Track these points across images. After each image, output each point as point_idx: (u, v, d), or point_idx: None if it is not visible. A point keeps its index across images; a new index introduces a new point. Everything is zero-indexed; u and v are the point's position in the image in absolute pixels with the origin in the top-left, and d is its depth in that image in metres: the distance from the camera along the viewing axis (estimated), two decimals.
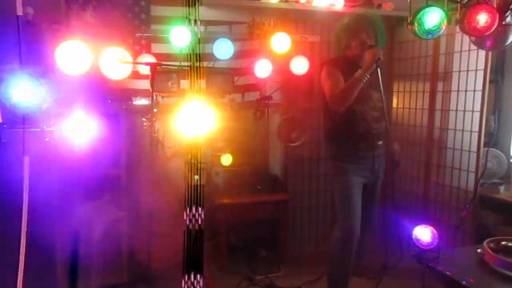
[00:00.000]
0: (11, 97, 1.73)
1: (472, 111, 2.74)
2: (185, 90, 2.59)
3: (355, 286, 2.61)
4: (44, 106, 1.81)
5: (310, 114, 3.14)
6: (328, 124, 2.57)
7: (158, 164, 2.46)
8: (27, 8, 2.35)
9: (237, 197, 3.01)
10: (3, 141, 1.81)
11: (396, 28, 3.41)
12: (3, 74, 1.74)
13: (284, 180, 3.36)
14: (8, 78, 1.72)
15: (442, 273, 1.75)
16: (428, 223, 1.93)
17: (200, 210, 1.14)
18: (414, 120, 3.28)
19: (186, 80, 1.11)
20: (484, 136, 2.69)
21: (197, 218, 1.14)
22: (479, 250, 1.85)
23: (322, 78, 2.45)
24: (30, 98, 1.74)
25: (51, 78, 1.99)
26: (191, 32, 1.10)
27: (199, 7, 1.09)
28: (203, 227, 1.14)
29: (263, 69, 2.75)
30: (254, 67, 2.75)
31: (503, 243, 1.85)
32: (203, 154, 1.16)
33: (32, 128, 1.87)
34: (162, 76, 2.64)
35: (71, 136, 2.28)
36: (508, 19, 1.90)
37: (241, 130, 2.98)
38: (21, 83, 1.73)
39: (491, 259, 1.74)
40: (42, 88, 1.76)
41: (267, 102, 3.02)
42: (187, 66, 1.12)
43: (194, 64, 1.12)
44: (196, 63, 1.12)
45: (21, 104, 1.74)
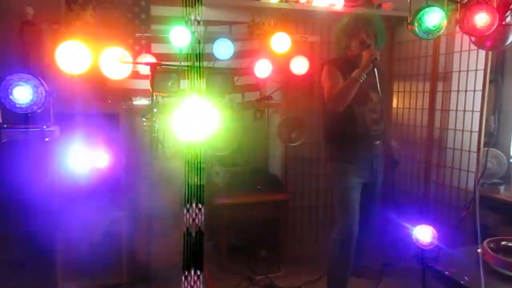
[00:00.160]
0: (11, 97, 1.73)
1: (472, 111, 2.74)
2: (185, 90, 2.58)
3: (355, 286, 2.61)
4: (44, 106, 1.81)
5: (310, 114, 3.14)
6: (327, 124, 2.58)
7: (158, 164, 2.46)
8: (27, 8, 2.35)
9: (237, 197, 3.01)
10: (3, 141, 1.81)
11: (396, 28, 3.41)
12: (3, 74, 1.74)
13: (284, 180, 3.35)
14: (8, 78, 1.72)
15: (442, 273, 1.76)
16: (428, 223, 1.93)
17: (200, 210, 1.14)
18: (414, 120, 3.28)
19: (186, 80, 1.11)
20: (484, 136, 2.69)
21: (197, 218, 1.14)
22: (479, 250, 1.85)
23: (322, 78, 2.46)
24: (30, 98, 1.75)
25: (51, 78, 1.99)
26: (191, 32, 1.10)
27: (199, 7, 1.09)
28: (203, 228, 1.13)
29: (263, 69, 2.75)
30: (254, 67, 2.75)
31: (503, 243, 1.85)
32: (203, 154, 1.16)
33: (32, 128, 1.87)
34: (162, 76, 2.64)
35: (71, 136, 2.28)
36: (508, 19, 1.90)
37: (241, 130, 2.97)
38: (21, 83, 1.73)
39: (491, 259, 1.74)
40: (42, 88, 1.76)
41: (267, 102, 3.02)
42: (187, 66, 1.11)
43: (194, 64, 1.11)
44: (196, 63, 1.12)
45: (21, 104, 1.74)
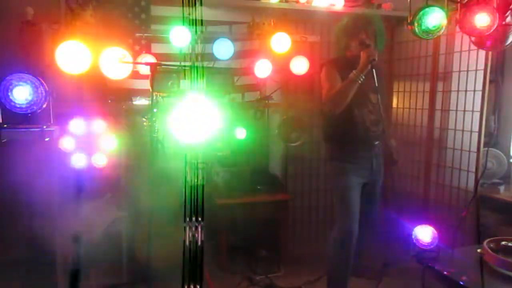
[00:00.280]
0: (11, 97, 1.73)
1: (472, 111, 2.74)
2: (185, 90, 2.59)
3: (355, 286, 2.61)
4: (44, 106, 1.81)
5: (310, 114, 3.14)
6: (326, 125, 2.57)
7: (158, 164, 2.45)
8: (27, 8, 2.35)
9: (237, 197, 3.01)
10: (3, 141, 1.81)
11: (396, 28, 3.41)
12: (3, 74, 1.74)
13: (284, 180, 3.35)
14: (8, 78, 1.72)
15: (442, 273, 1.75)
16: (428, 223, 1.93)
17: (200, 211, 1.14)
18: (414, 120, 3.28)
19: (186, 80, 1.11)
20: (484, 136, 2.69)
21: (197, 218, 1.14)
22: (479, 250, 1.85)
23: (321, 79, 2.45)
24: (30, 98, 1.75)
25: (51, 78, 1.99)
26: (191, 32, 1.10)
27: (199, 7, 1.09)
28: (203, 228, 1.14)
29: (263, 69, 2.75)
30: (254, 67, 2.75)
31: (503, 243, 1.85)
32: (203, 154, 1.16)
33: (32, 128, 1.87)
34: (162, 76, 2.64)
35: (71, 135, 2.28)
36: (508, 19, 1.90)
37: (241, 130, 2.97)
38: (21, 83, 1.73)
39: (491, 259, 1.74)
40: (42, 88, 1.77)
41: (267, 102, 3.02)
42: (187, 66, 1.12)
43: (194, 64, 1.12)
44: (196, 63, 1.12)
45: (21, 104, 1.74)
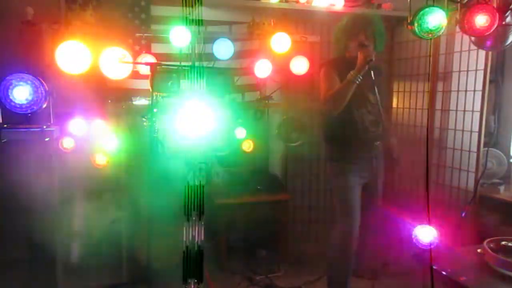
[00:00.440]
0: (11, 97, 1.73)
1: (472, 111, 2.74)
2: (185, 90, 2.58)
3: (355, 286, 2.61)
4: (44, 106, 1.81)
5: (310, 114, 3.14)
6: (326, 125, 2.57)
7: (158, 164, 2.45)
8: (27, 8, 2.35)
9: (237, 197, 3.01)
10: (3, 141, 1.81)
11: (396, 28, 3.41)
12: (3, 74, 1.74)
13: (284, 180, 3.35)
14: (8, 78, 1.72)
15: (442, 273, 1.75)
16: (428, 223, 1.93)
17: (199, 211, 1.14)
18: (414, 120, 3.28)
19: (186, 80, 1.11)
20: (484, 136, 2.69)
21: (197, 218, 1.14)
22: (479, 250, 1.85)
23: (320, 79, 2.45)
24: (30, 98, 1.75)
25: (51, 78, 1.99)
26: (191, 32, 1.10)
27: (199, 7, 1.09)
28: (203, 229, 1.14)
29: (263, 69, 2.75)
30: (254, 67, 2.75)
31: (503, 243, 1.85)
32: (203, 154, 1.16)
33: (32, 128, 1.87)
34: (162, 76, 2.64)
35: (71, 135, 2.28)
36: (508, 19, 1.90)
37: (241, 130, 2.97)
38: (21, 83, 1.73)
39: (491, 259, 1.74)
40: (42, 88, 1.76)
41: (267, 102, 3.02)
42: (187, 66, 1.12)
43: (194, 64, 1.12)
44: (196, 63, 1.12)
45: (21, 104, 1.74)
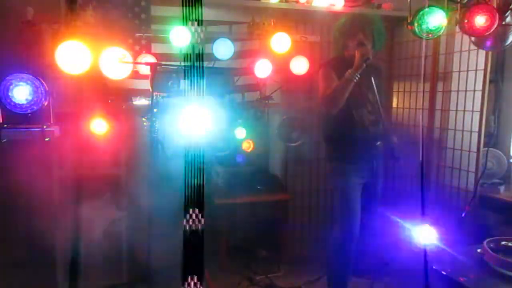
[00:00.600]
0: (11, 97, 1.73)
1: (472, 111, 2.74)
2: (185, 90, 2.58)
3: (355, 286, 2.61)
4: (44, 105, 1.81)
5: (310, 114, 3.14)
6: (325, 125, 2.57)
7: (158, 164, 2.46)
8: (27, 8, 2.35)
9: (237, 197, 3.01)
10: (3, 141, 1.81)
11: (396, 28, 3.41)
12: (3, 74, 1.74)
13: (284, 180, 3.35)
14: (8, 78, 1.72)
15: (442, 273, 1.75)
16: (428, 223, 1.93)
17: (199, 211, 1.14)
18: (414, 120, 3.28)
19: (186, 80, 1.11)
20: (484, 136, 2.69)
21: (196, 219, 1.14)
22: (479, 250, 1.85)
23: (318, 79, 2.45)
24: (30, 98, 1.75)
25: (51, 78, 1.99)
26: (191, 32, 1.10)
27: (199, 7, 1.09)
28: (203, 229, 1.13)
29: (263, 69, 2.75)
30: (254, 67, 2.75)
31: (503, 243, 1.85)
32: (203, 154, 1.16)
33: (32, 128, 1.87)
34: (162, 76, 2.64)
35: (71, 135, 2.28)
36: (508, 19, 1.90)
37: (241, 130, 2.97)
38: (21, 83, 1.73)
39: (491, 259, 1.74)
40: (42, 88, 1.76)
41: (267, 102, 3.01)
42: (187, 66, 1.12)
43: (194, 64, 1.12)
44: (196, 63, 1.12)
45: (21, 104, 1.74)
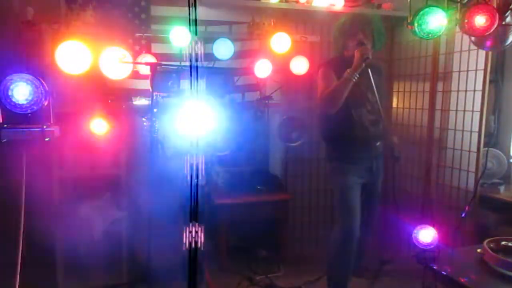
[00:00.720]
0: (11, 97, 1.73)
1: (472, 111, 2.74)
2: (185, 90, 2.59)
3: (355, 286, 2.61)
4: (44, 105, 1.81)
5: (310, 114, 3.14)
6: (325, 125, 2.57)
7: (158, 164, 2.46)
8: (27, 8, 2.35)
9: (237, 197, 3.01)
10: (3, 141, 1.81)
11: (396, 28, 3.41)
12: (3, 74, 1.74)
13: (284, 180, 3.35)
14: (8, 78, 1.72)
15: (442, 273, 1.76)
16: (428, 223, 1.93)
17: (199, 211, 1.14)
18: (414, 120, 3.28)
19: (186, 80, 1.11)
20: (484, 136, 2.69)
21: (196, 218, 1.14)
22: (479, 250, 1.86)
23: (318, 79, 2.44)
24: (30, 98, 1.74)
25: (51, 78, 1.99)
26: (191, 32, 1.10)
27: (199, 7, 1.09)
28: (202, 229, 1.13)
29: (263, 69, 2.75)
30: (254, 67, 2.75)
31: (503, 243, 1.85)
32: (203, 154, 1.16)
33: (32, 128, 1.87)
34: (162, 76, 2.64)
35: (71, 135, 2.27)
36: (508, 19, 1.90)
37: (241, 130, 2.97)
38: (21, 83, 1.73)
39: (491, 259, 1.74)
40: (42, 88, 1.76)
41: (267, 102, 3.02)
42: (187, 66, 1.12)
43: (194, 64, 1.12)
44: (196, 63, 1.12)
45: (21, 104, 1.74)
